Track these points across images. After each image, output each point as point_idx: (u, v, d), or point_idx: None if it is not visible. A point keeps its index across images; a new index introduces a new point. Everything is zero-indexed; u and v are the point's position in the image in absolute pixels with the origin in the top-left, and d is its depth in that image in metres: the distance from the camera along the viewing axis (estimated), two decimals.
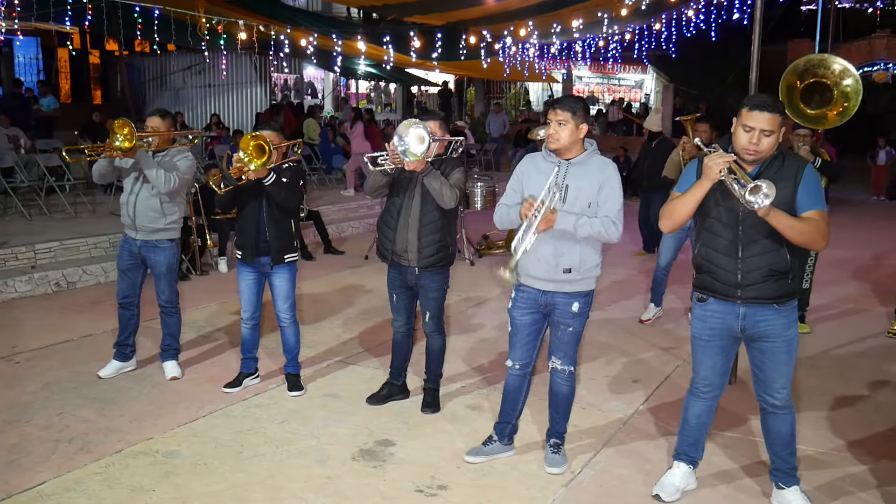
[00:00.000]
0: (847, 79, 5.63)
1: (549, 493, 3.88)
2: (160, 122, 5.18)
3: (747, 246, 3.43)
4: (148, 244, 5.23)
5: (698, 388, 3.75)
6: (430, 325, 4.79)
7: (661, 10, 14.38)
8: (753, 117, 3.35)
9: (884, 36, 18.72)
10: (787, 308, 3.50)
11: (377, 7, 14.05)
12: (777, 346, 3.49)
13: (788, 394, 3.60)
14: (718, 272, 3.50)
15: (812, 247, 3.31)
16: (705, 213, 3.54)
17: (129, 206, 5.19)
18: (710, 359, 3.65)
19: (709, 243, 3.54)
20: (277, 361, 5.52)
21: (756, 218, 3.33)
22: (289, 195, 4.88)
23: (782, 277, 3.42)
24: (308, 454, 4.26)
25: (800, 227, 3.29)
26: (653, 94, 27.95)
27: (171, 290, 5.38)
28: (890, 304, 7.05)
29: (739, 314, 3.51)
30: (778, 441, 3.68)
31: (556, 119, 3.82)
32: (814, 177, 3.42)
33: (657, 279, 7.04)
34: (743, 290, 3.45)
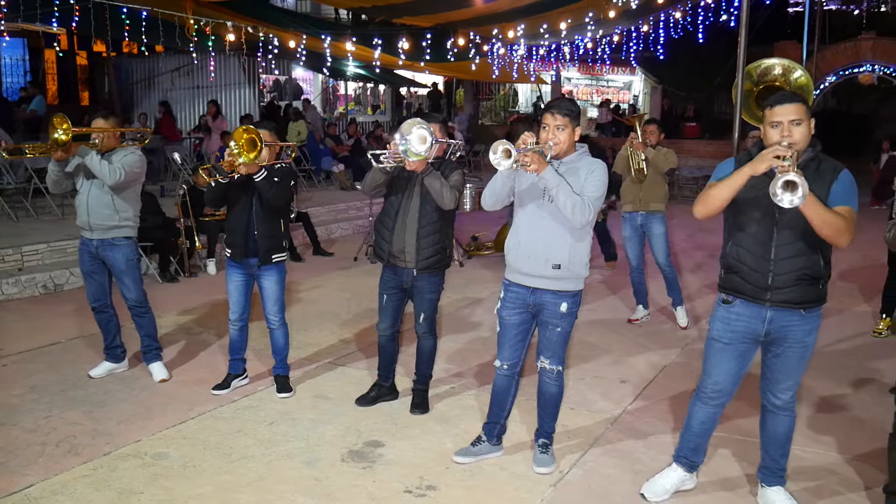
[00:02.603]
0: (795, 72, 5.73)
1: (537, 493, 3.90)
2: (104, 123, 5.16)
3: (781, 248, 3.36)
4: (104, 243, 5.19)
5: (706, 393, 3.68)
6: (424, 326, 4.79)
7: (649, 11, 14.43)
8: (777, 112, 3.33)
9: (869, 38, 18.82)
10: (813, 315, 3.46)
11: (366, 8, 14.05)
12: (792, 351, 3.48)
13: (793, 396, 3.60)
14: (749, 273, 3.44)
15: (836, 240, 3.21)
16: (739, 210, 3.46)
17: (83, 205, 5.17)
18: (724, 363, 3.59)
19: (741, 242, 3.47)
20: (266, 363, 5.52)
21: (792, 219, 3.28)
22: (279, 193, 4.88)
23: (814, 282, 3.38)
24: (297, 456, 4.26)
25: (830, 219, 3.18)
26: (641, 96, 28.03)
27: (137, 289, 5.32)
28: (875, 304, 7.11)
29: (766, 318, 3.46)
30: (773, 441, 3.69)
31: (554, 123, 3.82)
32: (849, 178, 3.37)
33: (634, 281, 7.08)
34: (772, 293, 3.39)
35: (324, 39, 13.25)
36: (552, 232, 3.83)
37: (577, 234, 3.83)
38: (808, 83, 5.67)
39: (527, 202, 3.93)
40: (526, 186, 3.91)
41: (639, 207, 6.81)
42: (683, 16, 15.08)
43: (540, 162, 3.64)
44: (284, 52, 13.90)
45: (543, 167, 3.65)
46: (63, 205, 10.39)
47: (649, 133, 6.83)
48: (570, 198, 3.68)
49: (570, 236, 3.83)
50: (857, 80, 19.55)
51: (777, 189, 3.03)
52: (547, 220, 3.84)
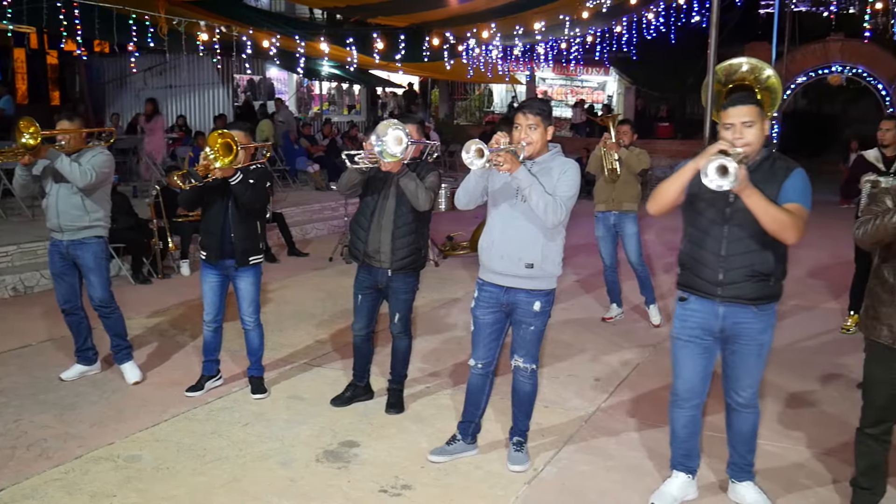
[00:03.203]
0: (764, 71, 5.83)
1: (511, 491, 3.92)
2: (68, 124, 5.11)
3: (732, 244, 3.43)
4: (74, 243, 5.15)
5: (680, 396, 3.72)
6: (399, 326, 4.80)
7: (622, 12, 14.55)
8: (730, 114, 3.39)
9: (838, 39, 19.10)
10: (766, 312, 3.52)
11: (340, 8, 14.03)
12: (748, 348, 3.54)
13: (754, 393, 3.65)
14: (701, 269, 3.51)
15: (782, 236, 3.27)
16: (692, 208, 3.54)
17: (52, 208, 5.12)
18: (689, 361, 3.64)
19: (694, 240, 3.55)
20: (241, 364, 5.50)
21: (742, 216, 3.36)
22: (255, 196, 4.86)
23: (765, 279, 3.44)
24: (271, 456, 4.25)
25: (774, 213, 3.24)
26: (615, 96, 28.24)
27: (104, 289, 5.27)
28: (843, 301, 7.23)
29: (719, 314, 3.52)
30: (739, 438, 3.74)
31: (526, 123, 3.85)
32: (803, 176, 3.43)
33: (607, 280, 7.15)
34: (723, 289, 3.46)
35: (298, 39, 13.20)
36: (525, 231, 3.86)
37: (549, 233, 3.87)
38: (778, 83, 5.76)
39: (500, 202, 3.96)
40: (499, 186, 3.93)
41: (612, 207, 6.87)
42: (656, 17, 15.22)
43: (513, 162, 3.67)
44: (258, 52, 13.83)
45: (516, 167, 3.68)
46: (33, 206, 10.26)
47: (623, 133, 6.90)
48: (542, 197, 3.72)
49: (542, 236, 3.86)
50: (827, 80, 19.81)
51: (709, 169, 3.09)
52: (520, 220, 3.87)
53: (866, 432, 3.59)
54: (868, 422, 3.58)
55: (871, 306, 3.50)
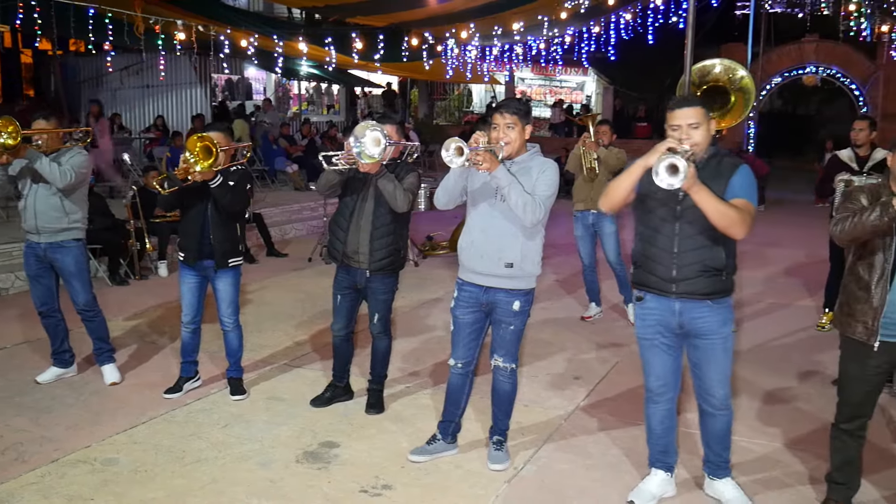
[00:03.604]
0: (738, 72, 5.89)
1: (492, 489, 3.94)
2: (45, 124, 5.05)
3: (683, 241, 3.48)
4: (53, 246, 5.10)
5: (653, 391, 3.76)
6: (378, 326, 4.80)
7: (600, 13, 14.63)
8: (675, 116, 3.45)
9: (813, 40, 19.32)
10: (722, 306, 3.57)
11: (319, 8, 13.99)
12: (713, 343, 3.57)
13: (727, 395, 3.67)
14: (654, 266, 3.56)
15: (731, 231, 3.32)
16: (643, 207, 3.59)
17: (29, 209, 5.05)
18: (657, 358, 3.69)
19: (646, 238, 3.60)
20: (220, 366, 5.47)
21: (692, 213, 3.42)
22: (235, 199, 4.83)
23: (717, 274, 3.50)
24: (251, 458, 4.23)
25: (722, 209, 3.29)
26: (594, 96, 28.38)
27: (87, 292, 5.23)
28: (819, 299, 7.32)
29: (675, 310, 3.56)
30: (714, 438, 3.76)
31: (504, 122, 3.87)
32: (748, 173, 3.49)
33: (586, 279, 7.19)
34: (677, 285, 3.51)
35: (276, 39, 13.15)
36: (504, 231, 3.88)
37: (528, 232, 3.88)
38: (751, 84, 5.83)
39: (479, 201, 3.97)
40: (478, 186, 3.95)
41: (590, 206, 6.91)
42: (633, 17, 15.31)
43: (492, 161, 3.69)
44: (236, 52, 13.75)
45: (495, 166, 3.70)
46: (7, 206, 10.13)
47: (602, 133, 6.94)
48: (521, 196, 3.73)
49: (521, 235, 3.88)
50: (802, 81, 20.03)
51: (659, 168, 3.15)
52: (499, 220, 3.89)
53: (841, 428, 3.65)
54: (843, 417, 3.64)
55: (845, 303, 3.55)
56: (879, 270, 3.39)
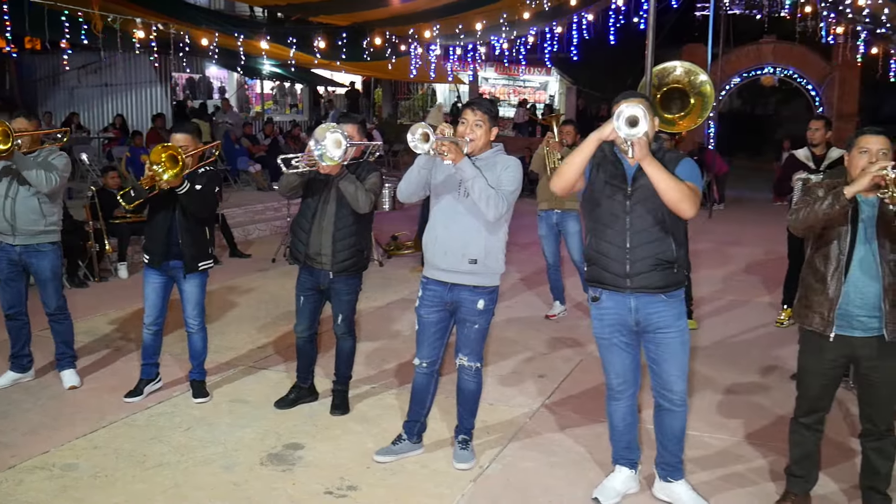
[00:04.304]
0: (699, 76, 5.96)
1: (457, 488, 3.94)
2: (27, 124, 4.96)
3: (635, 235, 3.52)
4: (28, 249, 5.02)
5: (614, 388, 3.79)
6: (342, 327, 4.78)
7: (563, 13, 14.72)
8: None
9: (770, 42, 19.64)
10: (676, 299, 3.61)
11: (281, 6, 13.87)
12: (671, 337, 3.60)
13: (684, 390, 3.71)
14: (608, 262, 3.58)
15: (681, 207, 3.37)
16: (595, 203, 3.62)
17: (6, 210, 4.95)
18: (617, 357, 3.72)
19: (599, 234, 3.62)
20: (182, 369, 5.40)
21: (643, 207, 3.47)
22: (203, 205, 4.78)
23: (668, 267, 3.54)
24: (214, 461, 4.19)
25: (673, 183, 3.34)
26: (557, 96, 28.55)
27: (58, 296, 5.18)
28: (777, 295, 7.45)
29: (631, 307, 3.59)
30: (670, 437, 3.78)
31: (473, 119, 3.89)
32: (691, 162, 3.58)
33: (550, 278, 7.24)
34: (631, 280, 3.54)
35: (237, 37, 13.01)
36: (468, 226, 3.89)
37: (491, 228, 3.90)
38: (711, 90, 5.90)
39: (442, 196, 3.98)
40: (442, 179, 3.95)
41: (554, 206, 6.96)
42: (596, 18, 15.43)
43: (457, 152, 3.70)
44: (197, 50, 13.58)
45: (460, 158, 3.71)
46: None
47: (566, 133, 6.99)
48: (485, 190, 3.75)
49: (485, 230, 3.90)
50: (760, 81, 20.37)
51: (621, 122, 3.19)
52: (463, 215, 3.90)
53: (800, 422, 3.71)
54: (802, 411, 3.70)
55: (804, 296, 3.62)
56: (835, 262, 3.46)
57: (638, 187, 3.50)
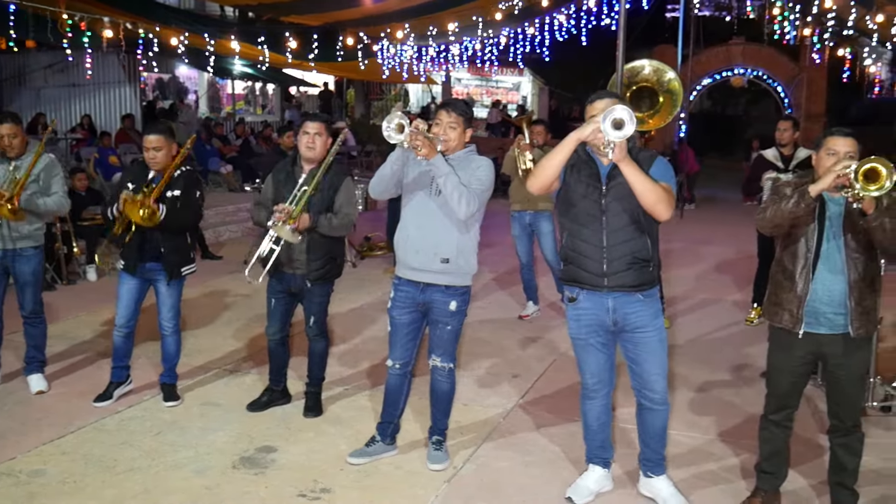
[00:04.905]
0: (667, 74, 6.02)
1: (431, 489, 3.94)
2: (13, 127, 4.90)
3: (611, 234, 3.54)
4: (15, 253, 4.95)
5: (589, 388, 3.81)
6: (314, 328, 4.75)
7: (534, 14, 14.77)
8: (595, 107, 3.49)
9: (740, 43, 19.86)
10: (652, 298, 3.64)
11: (252, 6, 13.76)
12: (649, 336, 3.63)
13: (665, 388, 3.74)
14: (585, 262, 3.59)
15: (656, 209, 3.39)
16: (570, 203, 3.63)
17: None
18: (592, 357, 3.73)
19: (575, 234, 3.63)
20: (152, 372, 5.34)
21: (618, 206, 3.49)
22: (185, 220, 4.77)
23: (645, 265, 3.56)
24: (186, 465, 4.14)
25: (650, 184, 3.37)
26: (530, 97, 28.66)
27: (37, 299, 5.13)
28: (747, 294, 7.52)
29: (609, 308, 3.61)
30: (651, 434, 3.82)
31: (447, 121, 3.89)
32: (665, 162, 3.61)
33: (524, 278, 7.27)
34: (608, 279, 3.55)
35: (207, 37, 12.89)
36: (440, 225, 3.89)
37: (463, 226, 3.91)
38: (679, 87, 5.97)
39: (414, 195, 3.97)
40: (414, 177, 3.95)
41: (527, 207, 6.98)
42: (567, 19, 15.51)
43: (431, 148, 3.70)
44: (166, 50, 13.43)
45: (434, 154, 3.71)
46: None
47: (536, 134, 7.02)
48: (457, 188, 3.76)
49: (456, 230, 3.90)
50: (730, 82, 20.59)
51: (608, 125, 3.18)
52: (434, 214, 3.90)
53: (770, 419, 3.76)
54: (771, 409, 3.75)
55: (773, 293, 3.66)
56: (803, 260, 3.51)
57: (613, 186, 3.51)
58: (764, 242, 6.44)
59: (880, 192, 3.17)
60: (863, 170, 3.19)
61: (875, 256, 3.51)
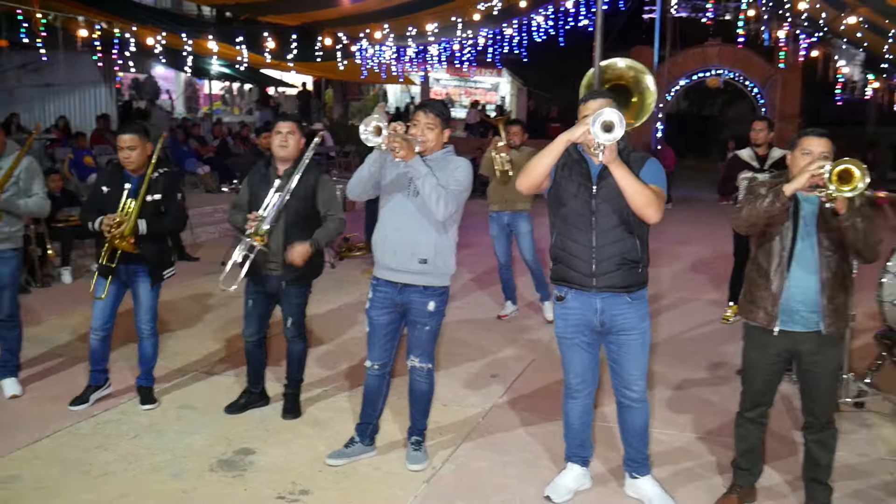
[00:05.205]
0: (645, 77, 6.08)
1: (410, 490, 3.94)
2: None
3: (601, 234, 3.55)
4: None
5: (572, 388, 3.82)
6: (292, 330, 4.74)
7: (513, 15, 14.81)
8: (589, 107, 3.51)
9: (716, 44, 20.04)
10: (640, 301, 3.66)
11: (229, 6, 13.68)
12: (632, 338, 3.65)
13: (644, 387, 3.77)
14: (574, 261, 3.60)
15: (646, 212, 3.40)
16: (560, 203, 3.63)
17: None
18: (577, 356, 3.74)
19: (564, 233, 3.64)
20: (128, 375, 5.29)
21: (608, 206, 3.50)
22: (171, 226, 4.76)
23: (634, 266, 3.58)
24: (163, 469, 4.11)
25: (639, 187, 3.37)
26: (508, 97, 28.74)
27: (13, 303, 5.07)
28: (724, 293, 7.60)
29: (597, 308, 3.62)
30: (633, 433, 3.84)
31: (425, 122, 3.90)
32: (656, 163, 3.61)
33: (502, 278, 7.28)
34: (597, 279, 3.57)
35: (184, 37, 12.79)
36: (417, 225, 3.89)
37: (440, 227, 3.91)
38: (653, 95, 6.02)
39: (392, 196, 3.97)
40: (392, 178, 3.95)
41: (505, 207, 7.00)
42: (545, 20, 15.57)
43: (409, 149, 3.70)
44: (142, 50, 13.31)
45: (412, 155, 3.71)
46: None
47: (513, 134, 7.03)
48: (435, 189, 3.76)
49: (434, 230, 3.90)
50: (706, 83, 20.77)
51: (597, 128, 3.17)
52: (412, 215, 3.90)
53: (745, 416, 3.80)
54: (746, 406, 3.79)
55: (748, 291, 3.70)
56: (777, 258, 3.55)
57: (603, 186, 3.52)
58: (740, 242, 6.51)
59: (853, 193, 3.21)
60: (837, 171, 3.23)
61: (847, 256, 3.55)
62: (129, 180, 4.70)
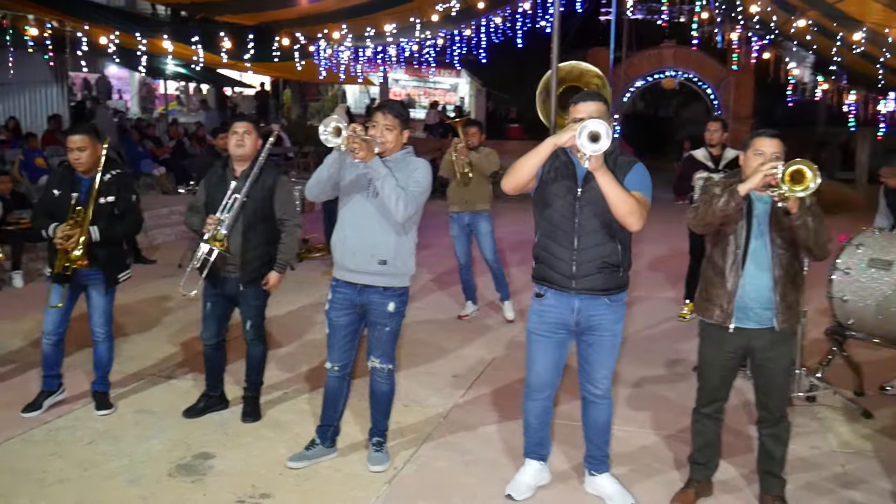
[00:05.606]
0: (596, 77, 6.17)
1: (372, 491, 3.93)
2: None
3: (583, 237, 3.57)
4: None
5: (532, 388, 3.84)
6: (251, 332, 4.69)
7: (471, 16, 14.85)
8: (579, 110, 3.54)
9: (671, 46, 20.35)
10: (618, 303, 3.69)
11: (184, 5, 13.48)
12: (604, 339, 3.69)
13: (609, 385, 3.81)
14: (555, 262, 3.63)
15: (629, 220, 3.43)
16: (545, 203, 3.65)
17: None
18: (543, 354, 3.76)
19: (547, 233, 3.66)
20: (84, 381, 5.19)
21: (591, 210, 3.52)
22: (126, 229, 4.68)
23: (615, 269, 3.61)
24: (119, 475, 4.04)
25: (623, 196, 3.39)
26: (467, 98, 28.79)
27: None
28: (680, 291, 7.72)
29: (574, 308, 3.64)
30: (595, 430, 3.89)
31: (384, 123, 3.89)
32: (643, 169, 3.64)
33: (462, 278, 7.31)
34: (577, 281, 3.59)
35: (138, 36, 12.58)
36: (377, 226, 3.89)
37: (400, 228, 3.91)
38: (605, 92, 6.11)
39: (351, 197, 3.97)
40: (351, 179, 3.95)
41: (465, 208, 7.02)
42: (503, 21, 15.64)
43: (368, 150, 3.69)
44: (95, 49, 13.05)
45: (371, 156, 3.71)
46: None
47: (472, 135, 7.05)
48: (395, 190, 3.77)
49: (393, 231, 3.90)
50: (662, 84, 21.07)
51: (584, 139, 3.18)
52: (372, 216, 3.90)
53: (701, 412, 3.87)
54: (702, 402, 3.86)
55: (704, 289, 3.77)
56: (732, 256, 3.62)
57: (588, 190, 3.54)
58: (695, 240, 6.61)
59: (805, 192, 3.29)
60: (789, 171, 3.30)
61: (798, 254, 3.64)
62: (81, 182, 4.61)
